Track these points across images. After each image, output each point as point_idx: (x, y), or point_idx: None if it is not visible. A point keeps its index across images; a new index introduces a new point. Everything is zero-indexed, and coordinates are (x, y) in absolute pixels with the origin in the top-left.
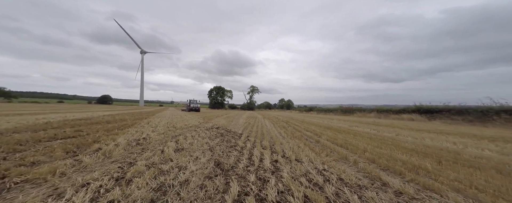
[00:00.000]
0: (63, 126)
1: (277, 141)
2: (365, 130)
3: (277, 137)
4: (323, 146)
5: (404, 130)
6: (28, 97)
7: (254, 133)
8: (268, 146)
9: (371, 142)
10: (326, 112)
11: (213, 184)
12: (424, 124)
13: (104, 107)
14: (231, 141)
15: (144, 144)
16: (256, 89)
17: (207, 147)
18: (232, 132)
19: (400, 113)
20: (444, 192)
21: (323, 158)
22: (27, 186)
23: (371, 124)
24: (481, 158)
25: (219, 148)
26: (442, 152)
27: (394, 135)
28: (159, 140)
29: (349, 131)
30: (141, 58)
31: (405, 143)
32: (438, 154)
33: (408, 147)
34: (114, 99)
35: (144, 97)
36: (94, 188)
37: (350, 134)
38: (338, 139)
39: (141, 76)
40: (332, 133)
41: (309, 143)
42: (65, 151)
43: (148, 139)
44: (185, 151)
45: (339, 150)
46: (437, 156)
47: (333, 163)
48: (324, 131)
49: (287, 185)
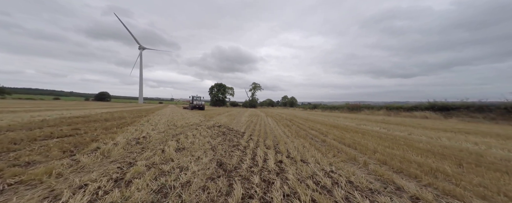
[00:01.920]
0: (59, 124)
1: (281, 140)
2: (374, 128)
3: (281, 136)
4: (330, 145)
5: (417, 129)
6: (22, 94)
7: (257, 132)
8: (272, 145)
9: (382, 142)
10: (332, 110)
11: (215, 186)
12: (440, 122)
13: (102, 104)
14: (234, 140)
15: (144, 143)
16: (258, 86)
17: (209, 146)
18: (234, 131)
19: (411, 110)
20: (468, 199)
21: (330, 159)
22: (22, 188)
23: (380, 122)
24: (508, 161)
25: (221, 147)
26: (462, 154)
27: (407, 134)
28: (160, 139)
29: (357, 130)
30: (140, 54)
31: (419, 143)
32: (457, 156)
33: (423, 148)
34: (113, 96)
35: (143, 95)
36: (92, 189)
37: (358, 133)
38: (346, 138)
39: (140, 73)
40: (339, 132)
41: (314, 143)
42: (62, 150)
43: (148, 137)
44: (186, 150)
45: (347, 150)
46: (456, 158)
47: (341, 164)
48: (330, 129)
49: (293, 187)
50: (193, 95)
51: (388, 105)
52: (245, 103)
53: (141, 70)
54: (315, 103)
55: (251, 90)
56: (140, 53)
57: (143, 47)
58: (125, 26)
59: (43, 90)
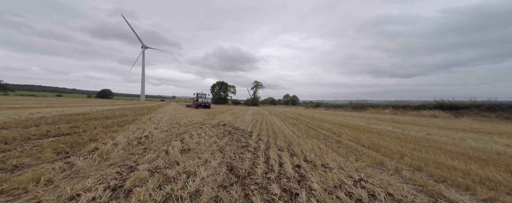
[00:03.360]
0: (58, 122)
1: (293, 141)
2: (386, 128)
3: (291, 136)
4: (347, 147)
5: (433, 128)
6: (25, 91)
7: (265, 131)
8: (284, 146)
9: (404, 143)
10: (335, 108)
11: (229, 197)
12: (452, 122)
13: (104, 101)
14: (241, 140)
15: (146, 143)
16: (260, 84)
17: (216, 147)
18: (241, 130)
19: (419, 109)
20: None
21: (354, 164)
22: (1, 199)
23: (390, 121)
24: None
25: (229, 148)
26: (502, 158)
27: (425, 134)
28: (163, 139)
29: (370, 130)
30: (142, 53)
31: (445, 145)
32: (498, 160)
33: (454, 150)
34: (115, 94)
35: (145, 92)
36: (84, 201)
37: (373, 132)
38: (362, 139)
39: (142, 71)
40: (352, 132)
41: (330, 144)
42: (56, 151)
43: (150, 137)
44: (192, 152)
45: (369, 153)
46: (501, 164)
47: (368, 170)
48: (342, 129)
49: (323, 201)
50: (198, 92)
51: (394, 104)
52: (247, 101)
53: (143, 68)
54: (317, 101)
55: (253, 89)
56: (142, 52)
57: (146, 46)
58: (131, 26)
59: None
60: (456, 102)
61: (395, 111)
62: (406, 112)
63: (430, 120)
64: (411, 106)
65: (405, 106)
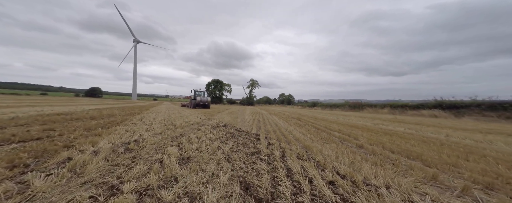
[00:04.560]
0: (31, 123)
1: (309, 146)
2: (397, 129)
3: (304, 139)
4: (375, 153)
5: (444, 129)
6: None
7: (272, 134)
8: (303, 154)
9: (435, 148)
10: (332, 108)
11: None
12: (457, 122)
13: (92, 100)
14: (249, 144)
15: (135, 149)
16: (256, 83)
17: (222, 154)
18: (244, 132)
19: (418, 109)
20: None
21: (401, 179)
22: None
23: (395, 121)
24: None
25: (237, 156)
26: None
27: (444, 136)
28: (156, 143)
29: (383, 131)
30: (134, 47)
31: (483, 150)
32: None
33: (501, 158)
34: (105, 93)
35: (137, 91)
36: None
37: (390, 135)
38: (384, 142)
39: (134, 68)
40: (367, 134)
41: (352, 149)
42: (12, 164)
43: (141, 142)
44: (193, 161)
45: (405, 161)
46: None
47: (424, 187)
48: (353, 130)
49: None
50: (196, 89)
51: (392, 103)
52: (243, 100)
53: (135, 65)
54: (312, 100)
55: (249, 87)
56: (134, 46)
57: (138, 40)
58: (123, 16)
59: (31, 85)
60: (457, 101)
61: (393, 110)
62: (405, 111)
63: (433, 120)
64: (410, 105)
65: (403, 105)
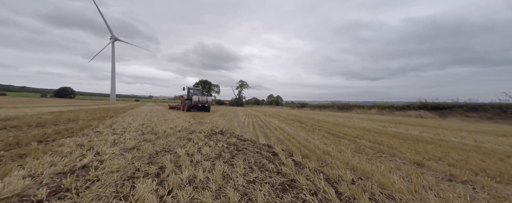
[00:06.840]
0: None
1: (359, 168)
2: (413, 132)
3: (336, 154)
4: (454, 176)
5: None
6: None
7: (287, 144)
8: (367, 186)
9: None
10: (321, 108)
11: None
12: (445, 123)
13: (59, 101)
14: (267, 166)
15: (76, 188)
16: (245, 84)
17: (234, 192)
18: (250, 141)
19: (404, 110)
20: None
21: None
22: None
23: (396, 123)
24: None
25: (261, 195)
26: None
27: (472, 142)
28: (121, 170)
29: (410, 137)
30: (112, 45)
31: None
32: None
33: None
34: (79, 93)
35: (116, 91)
36: None
37: (419, 141)
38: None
39: (112, 66)
40: (397, 141)
41: (412, 168)
42: None
43: (92, 169)
44: None
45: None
46: None
47: None
48: (376, 136)
49: None
50: (189, 87)
51: (380, 104)
52: (232, 101)
53: (114, 63)
54: (298, 101)
55: (238, 88)
56: (110, 43)
57: (115, 38)
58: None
59: None
60: (440, 102)
61: (380, 111)
62: (392, 112)
63: (424, 120)
64: (396, 106)
65: (390, 106)
